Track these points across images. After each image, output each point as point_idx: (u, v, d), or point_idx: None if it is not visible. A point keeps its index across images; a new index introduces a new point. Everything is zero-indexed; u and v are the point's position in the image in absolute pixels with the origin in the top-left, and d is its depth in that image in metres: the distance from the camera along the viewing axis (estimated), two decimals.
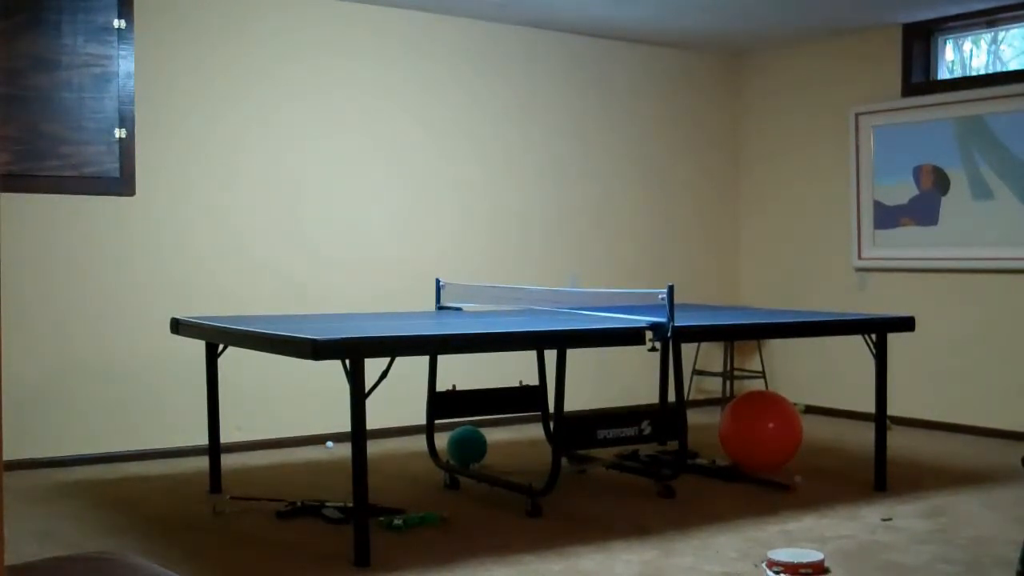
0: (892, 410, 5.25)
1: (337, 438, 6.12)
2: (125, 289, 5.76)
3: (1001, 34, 6.84)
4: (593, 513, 4.50)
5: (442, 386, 5.24)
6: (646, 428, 4.63)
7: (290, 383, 6.08)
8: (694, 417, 5.50)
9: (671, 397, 5.40)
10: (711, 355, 7.78)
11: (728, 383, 7.51)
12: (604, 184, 7.42)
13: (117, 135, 5.66)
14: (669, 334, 4.35)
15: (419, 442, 5.65)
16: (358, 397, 3.73)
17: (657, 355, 5.88)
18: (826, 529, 4.23)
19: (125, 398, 5.73)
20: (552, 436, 5.04)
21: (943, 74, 6.99)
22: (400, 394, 5.49)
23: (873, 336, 5.02)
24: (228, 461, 5.35)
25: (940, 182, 6.76)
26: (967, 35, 6.94)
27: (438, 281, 5.70)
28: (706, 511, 4.52)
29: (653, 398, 6.31)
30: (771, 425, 5.21)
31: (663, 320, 4.36)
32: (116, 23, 5.65)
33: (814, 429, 6.45)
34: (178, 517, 4.46)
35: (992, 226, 6.48)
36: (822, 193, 7.47)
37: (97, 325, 5.67)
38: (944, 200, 6.74)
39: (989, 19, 6.67)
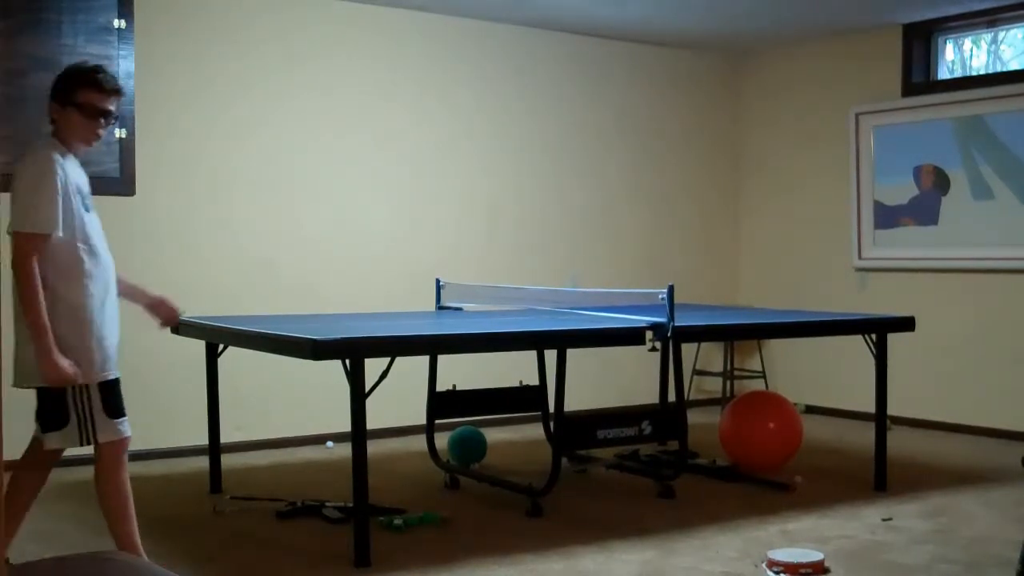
0: (892, 410, 5.24)
1: (337, 438, 6.11)
2: None
3: (1001, 34, 6.84)
4: (593, 513, 4.50)
5: (442, 386, 5.24)
6: (646, 428, 4.63)
7: (290, 383, 6.07)
8: (694, 417, 5.49)
9: (671, 397, 5.40)
10: (711, 355, 7.78)
11: (728, 383, 7.51)
12: (604, 184, 7.42)
13: (117, 135, 5.66)
14: (669, 334, 4.35)
15: (419, 442, 5.64)
16: (358, 397, 3.73)
17: (657, 355, 5.87)
18: (826, 529, 4.23)
19: (125, 398, 5.71)
20: (552, 436, 5.04)
21: (943, 74, 6.99)
22: (400, 394, 5.47)
23: (873, 336, 5.01)
24: (228, 461, 5.34)
25: (940, 182, 6.76)
26: (967, 35, 6.94)
27: (438, 281, 5.70)
28: (706, 511, 4.52)
29: (653, 398, 6.31)
30: (771, 425, 5.21)
31: (663, 320, 4.35)
32: (116, 23, 5.65)
33: (814, 429, 6.45)
34: (178, 517, 4.46)
35: (992, 226, 6.48)
36: (822, 193, 7.47)
37: None
38: (944, 200, 6.74)
39: (989, 19, 6.67)
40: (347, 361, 3.75)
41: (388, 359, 3.90)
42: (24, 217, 3.16)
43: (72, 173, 3.29)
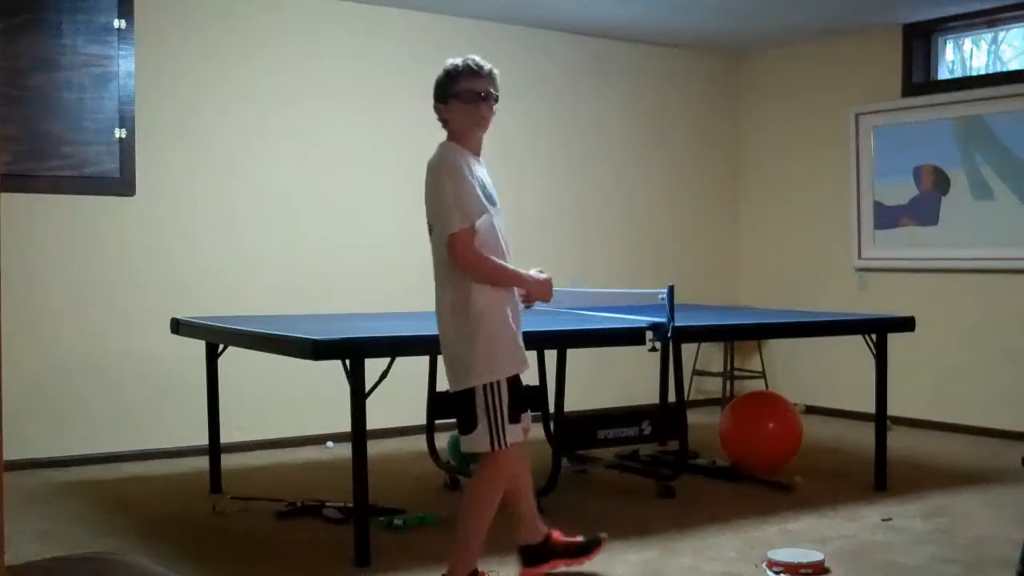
0: (892, 410, 5.24)
1: (337, 438, 6.11)
2: (125, 289, 5.76)
3: (1001, 34, 6.84)
4: (593, 513, 4.50)
5: (442, 386, 5.22)
6: (646, 428, 4.63)
7: (290, 383, 6.07)
8: (694, 417, 5.49)
9: (671, 397, 5.40)
10: (711, 355, 7.78)
11: (728, 383, 7.51)
12: (604, 184, 7.41)
13: (117, 135, 5.66)
14: (669, 334, 4.35)
15: (419, 442, 5.63)
16: (358, 397, 3.73)
17: (657, 355, 5.87)
18: (826, 529, 4.23)
19: (125, 398, 5.73)
20: (552, 436, 5.04)
21: (943, 74, 6.99)
22: (400, 394, 5.48)
23: (873, 336, 5.01)
24: (228, 461, 5.34)
25: (940, 182, 6.76)
26: (967, 35, 6.94)
27: None
28: (706, 511, 4.52)
29: (653, 398, 6.30)
30: (771, 425, 5.21)
31: (663, 320, 4.35)
32: (116, 23, 5.65)
33: (814, 429, 6.44)
34: (178, 517, 4.46)
35: (992, 226, 6.48)
36: (822, 193, 7.47)
37: (97, 325, 5.66)
38: (944, 200, 6.74)
39: (989, 19, 6.67)
40: (347, 361, 3.75)
41: (388, 359, 3.89)
42: (453, 217, 3.23)
43: (476, 170, 3.35)
